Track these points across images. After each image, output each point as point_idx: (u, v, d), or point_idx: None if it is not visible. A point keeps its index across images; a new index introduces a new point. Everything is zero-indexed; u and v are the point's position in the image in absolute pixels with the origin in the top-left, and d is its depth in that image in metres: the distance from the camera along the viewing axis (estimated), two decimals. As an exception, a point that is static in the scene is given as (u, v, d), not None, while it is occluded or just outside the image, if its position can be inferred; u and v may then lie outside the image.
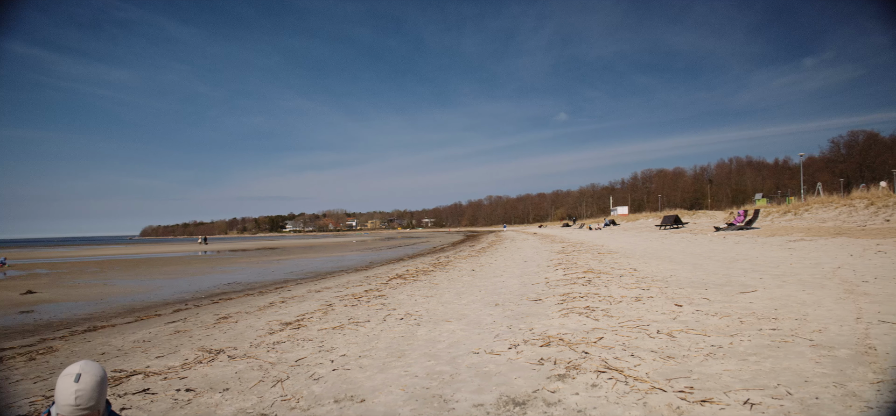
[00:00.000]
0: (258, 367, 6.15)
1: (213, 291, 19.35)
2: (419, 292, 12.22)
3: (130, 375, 6.26)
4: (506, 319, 8.12)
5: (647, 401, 4.17)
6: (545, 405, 4.23)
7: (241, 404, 4.81)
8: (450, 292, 11.71)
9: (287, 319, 9.60)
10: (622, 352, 5.63)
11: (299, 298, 13.17)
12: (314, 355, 6.56)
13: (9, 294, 19.54)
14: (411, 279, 15.33)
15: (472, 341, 6.72)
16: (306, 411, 4.51)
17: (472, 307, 9.46)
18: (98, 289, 21.14)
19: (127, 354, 7.85)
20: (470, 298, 10.71)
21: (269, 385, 5.34)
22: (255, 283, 22.06)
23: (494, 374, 5.18)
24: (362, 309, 10.07)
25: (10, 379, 6.90)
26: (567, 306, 8.75)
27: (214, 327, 9.51)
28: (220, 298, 16.57)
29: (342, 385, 5.16)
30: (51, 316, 14.22)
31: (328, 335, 7.72)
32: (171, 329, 9.91)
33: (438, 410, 4.30)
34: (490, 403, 4.38)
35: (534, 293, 10.64)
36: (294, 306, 11.53)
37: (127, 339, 9.33)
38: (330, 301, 11.60)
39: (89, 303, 16.73)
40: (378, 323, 8.45)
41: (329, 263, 33.76)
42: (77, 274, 29.63)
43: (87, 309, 15.32)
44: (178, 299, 17.00)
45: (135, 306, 15.64)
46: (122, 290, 20.74)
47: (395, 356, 6.24)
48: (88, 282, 24.41)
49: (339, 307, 10.51)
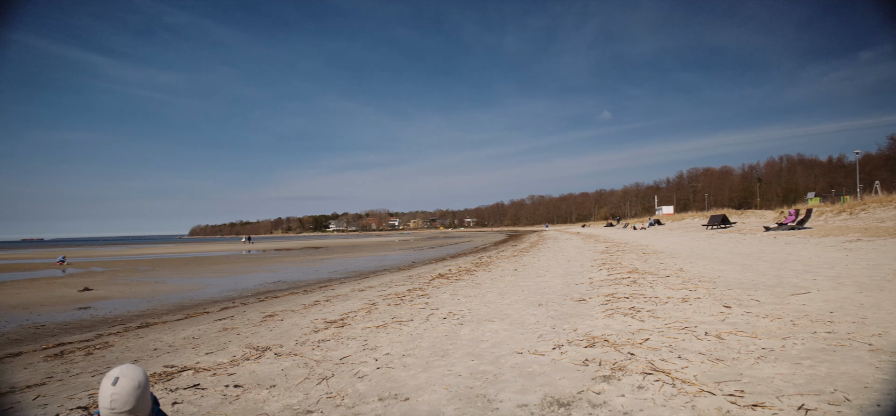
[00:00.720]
0: (303, 364, 6.25)
1: (259, 289, 19.75)
2: (462, 291, 12.23)
3: (181, 370, 6.44)
4: (549, 319, 8.06)
5: (695, 404, 4.08)
6: (590, 407, 4.18)
7: (287, 400, 4.90)
8: (492, 292, 11.68)
9: (331, 317, 9.73)
10: (669, 354, 5.52)
11: (343, 296, 13.33)
12: (358, 353, 6.63)
13: (68, 291, 20.34)
14: (454, 279, 15.36)
15: (516, 341, 6.69)
16: (351, 408, 4.56)
17: (515, 307, 9.42)
18: (150, 287, 21.81)
19: (178, 350, 8.08)
20: (513, 297, 10.67)
21: (315, 383, 5.42)
22: (299, 281, 22.43)
23: (538, 374, 5.15)
24: (405, 308, 10.13)
25: (70, 372, 7.19)
26: (612, 306, 8.63)
27: (261, 325, 9.70)
28: (265, 296, 16.91)
29: (386, 384, 5.20)
30: (106, 312, 14.74)
31: (372, 334, 7.79)
32: (220, 327, 10.15)
33: (482, 409, 4.29)
34: (534, 403, 4.35)
35: (577, 293, 10.53)
36: (338, 304, 11.68)
37: (177, 335, 9.60)
38: (373, 300, 11.71)
39: (142, 300, 17.27)
40: (421, 322, 8.49)
41: (372, 262, 34.06)
42: (130, 272, 30.64)
43: (139, 306, 15.82)
44: (226, 297, 17.41)
45: (184, 304, 16.08)
46: (172, 288, 21.35)
47: (438, 355, 6.26)
48: (141, 280, 25.20)
49: (383, 306, 10.60)
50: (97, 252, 68.66)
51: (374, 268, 28.70)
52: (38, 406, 5.43)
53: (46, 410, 5.20)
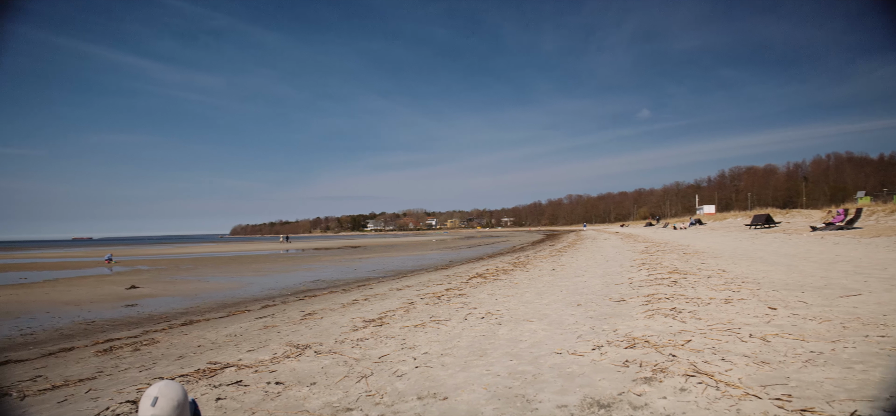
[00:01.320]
0: (343, 363, 6.31)
1: (299, 288, 20.03)
2: (500, 291, 12.19)
3: (224, 367, 6.57)
4: (588, 319, 7.98)
5: (740, 408, 3.98)
6: (631, 409, 4.12)
7: (327, 398, 4.95)
8: (530, 292, 11.62)
9: (370, 316, 9.81)
10: (712, 356, 5.40)
11: (381, 296, 13.42)
12: (397, 352, 6.67)
13: (115, 289, 20.96)
14: (491, 278, 15.33)
15: (555, 342, 6.64)
16: (390, 407, 4.59)
17: (553, 307, 9.35)
18: (193, 285, 22.32)
19: (220, 347, 8.26)
20: (551, 297, 10.59)
21: (354, 381, 5.47)
22: (338, 280, 22.69)
23: (578, 375, 5.10)
24: (443, 307, 10.15)
25: (119, 367, 7.40)
26: (652, 307, 8.50)
27: (301, 323, 9.84)
28: (305, 295, 17.14)
29: (425, 383, 5.22)
30: (152, 310, 15.14)
31: (410, 333, 7.83)
32: (260, 325, 10.33)
33: (521, 410, 4.27)
34: (574, 404, 4.31)
35: (617, 294, 10.40)
36: (376, 303, 11.77)
37: (220, 333, 9.81)
38: (411, 299, 11.76)
39: (185, 298, 17.70)
40: (459, 322, 8.49)
41: (409, 261, 34.24)
42: (174, 270, 31.41)
43: (183, 304, 16.21)
44: (266, 296, 17.71)
45: (226, 302, 16.41)
46: (214, 286, 21.82)
47: (476, 354, 6.26)
48: (184, 278, 25.81)
49: (421, 305, 10.64)
50: (142, 251, 70.59)
51: (411, 267, 28.84)
52: (90, 399, 5.61)
53: (97, 403, 5.37)
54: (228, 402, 5.02)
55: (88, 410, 5.14)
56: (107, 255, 44.75)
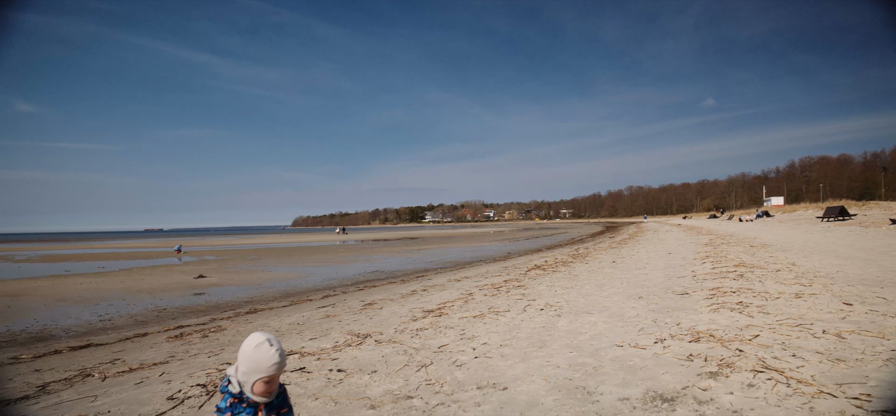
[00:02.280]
0: (403, 352, 6.39)
1: (359, 278, 20.37)
2: (559, 283, 12.08)
3: (288, 354, 6.75)
4: (650, 312, 7.82)
5: (813, 406, 3.82)
6: (696, 404, 4.01)
7: (388, 385, 5.03)
8: (590, 284, 11.46)
9: (429, 306, 9.89)
10: (782, 352, 5.21)
11: (440, 286, 13.50)
12: (456, 342, 6.71)
13: (185, 278, 21.81)
14: (550, 270, 15.20)
15: (615, 334, 6.54)
16: (450, 395, 4.62)
17: (613, 300, 9.20)
18: (257, 275, 23.00)
19: (284, 335, 8.48)
20: (611, 290, 10.42)
21: (414, 370, 5.53)
22: (397, 271, 22.94)
23: (640, 368, 5.01)
24: (502, 299, 10.14)
25: (189, 352, 7.71)
26: (717, 300, 8.25)
27: (361, 313, 10.00)
28: (364, 285, 17.41)
29: (484, 372, 5.23)
30: (218, 298, 15.69)
31: (469, 324, 7.85)
32: (322, 314, 10.55)
33: (582, 401, 4.23)
34: (636, 397, 4.23)
35: (679, 287, 10.14)
36: (435, 294, 11.85)
37: (283, 321, 10.08)
38: (470, 290, 11.79)
39: (250, 287, 18.25)
40: (518, 313, 8.46)
41: (467, 253, 34.30)
42: (239, 261, 32.43)
43: (248, 293, 16.73)
44: (327, 286, 18.08)
45: (289, 292, 16.84)
46: (277, 276, 22.42)
47: (536, 346, 6.23)
48: (248, 268, 26.62)
49: (479, 297, 10.65)
50: (209, 242, 73.16)
51: (469, 259, 28.90)
52: (163, 382, 5.86)
53: (170, 386, 5.61)
54: (293, 388, 5.15)
55: (162, 392, 5.37)
56: (176, 245, 46.64)
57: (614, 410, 4.01)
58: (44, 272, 26.49)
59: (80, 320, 12.44)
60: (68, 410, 5.05)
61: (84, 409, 4.99)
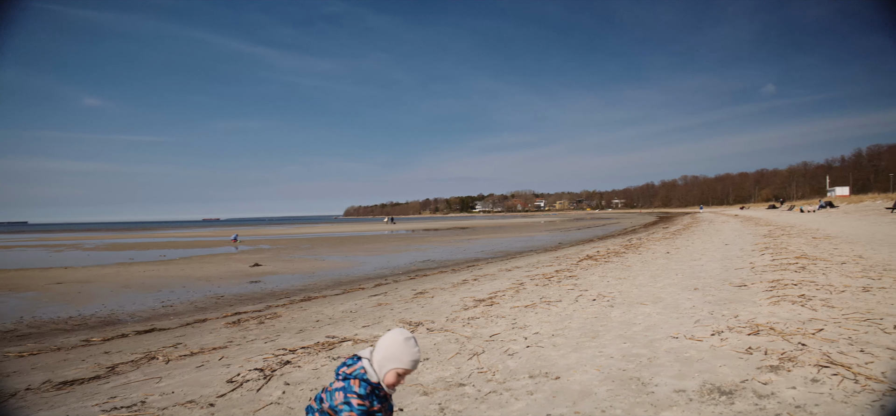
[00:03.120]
0: (454, 340, 6.43)
1: (410, 268, 20.56)
2: (611, 273, 11.92)
3: (342, 341, 6.89)
4: (706, 304, 7.64)
5: (885, 404, 3.67)
6: (756, 397, 3.91)
7: (440, 373, 5.07)
8: (644, 275, 11.27)
9: (480, 296, 9.91)
10: (848, 347, 5.01)
11: (491, 276, 13.50)
12: (507, 331, 6.71)
13: (241, 266, 22.44)
14: (602, 261, 15.01)
15: (670, 326, 6.42)
16: (502, 384, 4.63)
17: (668, 291, 9.02)
18: (310, 264, 23.48)
19: (337, 322, 8.65)
20: (665, 281, 10.22)
21: (466, 358, 5.56)
22: (447, 261, 23.06)
23: (696, 360, 4.90)
24: (553, 289, 10.07)
25: (246, 338, 7.94)
26: (777, 293, 7.99)
27: (412, 302, 10.10)
28: (415, 274, 17.57)
29: (536, 362, 5.22)
30: (273, 286, 16.09)
31: (520, 313, 7.84)
32: (374, 302, 10.70)
33: (636, 392, 4.18)
34: (692, 389, 4.15)
35: (737, 278, 9.87)
36: (486, 283, 11.86)
37: (336, 309, 10.26)
38: (521, 280, 11.75)
39: (303, 276, 18.66)
40: (570, 303, 8.40)
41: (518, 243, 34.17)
42: (293, 250, 33.14)
43: (302, 281, 17.10)
44: (379, 275, 18.32)
45: (341, 280, 17.14)
46: (329, 265, 22.84)
47: (588, 336, 6.17)
48: (302, 257, 27.19)
49: (530, 286, 10.61)
50: (263, 231, 74.95)
51: (520, 248, 28.81)
52: (223, 365, 6.07)
53: (229, 369, 5.80)
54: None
55: (222, 375, 5.56)
56: (233, 235, 47.99)
57: (670, 401, 3.94)
58: (110, 260, 27.70)
59: (144, 306, 12.97)
60: (136, 389, 5.28)
61: (150, 389, 5.21)
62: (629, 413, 3.76)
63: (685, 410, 3.79)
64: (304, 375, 5.31)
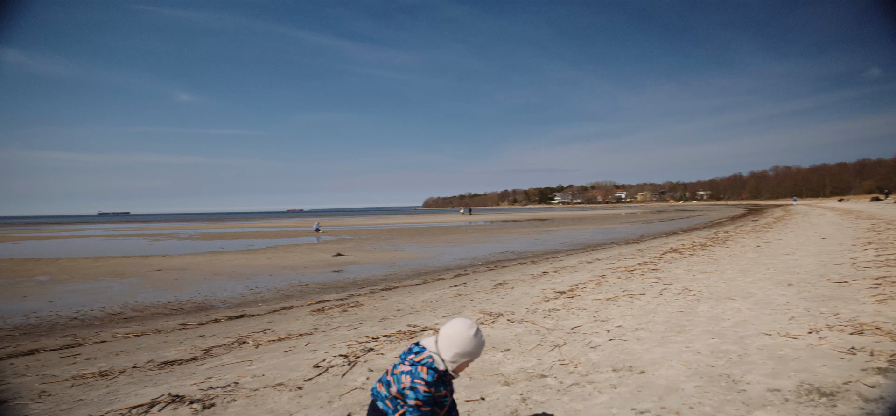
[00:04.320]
0: (535, 331, 6.39)
1: (489, 259, 20.58)
2: (697, 267, 11.50)
3: (422, 330, 6.98)
4: (802, 300, 7.24)
5: None
6: (862, 400, 3.66)
7: (521, 364, 5.06)
8: (732, 269, 10.81)
9: (560, 288, 9.80)
10: (966, 349, 4.63)
11: (571, 268, 13.33)
12: (589, 324, 6.60)
13: (324, 256, 23.13)
14: (687, 254, 14.50)
15: (762, 322, 6.12)
16: (585, 376, 4.56)
17: (759, 286, 8.61)
18: (390, 254, 23.90)
19: (418, 312, 8.77)
20: (756, 275, 9.76)
21: (547, 349, 5.51)
22: (526, 252, 22.93)
23: (791, 359, 4.66)
24: (636, 282, 9.83)
25: (330, 325, 8.19)
26: (884, 291, 7.46)
27: (492, 292, 10.11)
28: (495, 265, 17.57)
29: (619, 355, 5.11)
30: (355, 275, 16.50)
31: (602, 306, 7.70)
32: (454, 292, 10.78)
33: (726, 390, 4.01)
34: (788, 389, 3.94)
35: (836, 274, 9.29)
36: (566, 275, 11.72)
37: (417, 299, 10.41)
38: (602, 272, 11.54)
39: (384, 266, 19.01)
40: (654, 297, 8.17)
41: (598, 234, 33.55)
42: (373, 240, 33.82)
43: (382, 271, 17.43)
44: (458, 265, 18.43)
45: (421, 270, 17.36)
46: (409, 255, 23.17)
47: (674, 330, 5.98)
48: (382, 247, 27.71)
49: (612, 279, 10.40)
50: (345, 222, 76.89)
51: (600, 240, 28.27)
52: (309, 351, 6.29)
53: (315, 355, 6.00)
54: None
55: (309, 360, 5.76)
56: (314, 225, 49.47)
57: (763, 400, 3.76)
58: (203, 249, 29.20)
59: (235, 293, 13.60)
60: (229, 371, 5.55)
61: (242, 371, 5.47)
62: (719, 411, 3.62)
63: (780, 410, 3.60)
64: (386, 362, 5.42)
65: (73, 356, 7.38)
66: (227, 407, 4.30)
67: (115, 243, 37.96)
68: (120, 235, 51.66)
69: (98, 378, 5.87)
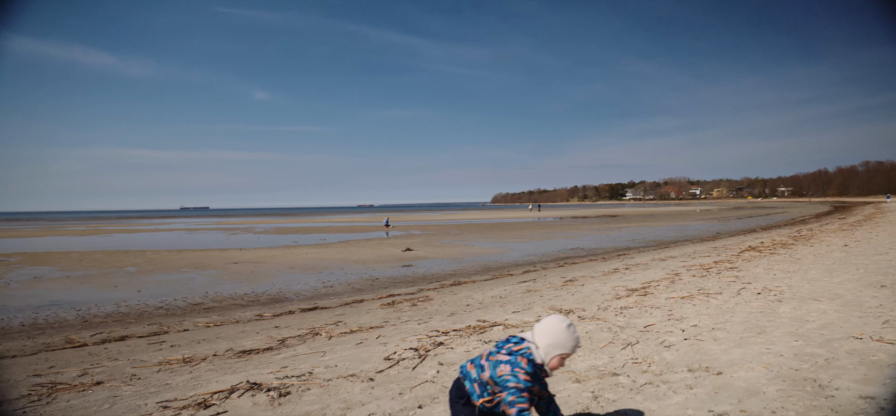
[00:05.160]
0: (607, 329, 6.27)
1: (558, 255, 20.37)
2: (778, 266, 10.98)
3: (492, 325, 6.97)
4: (897, 303, 6.79)
5: None
6: (963, 410, 3.41)
7: (592, 361, 4.97)
8: (817, 269, 10.26)
9: (632, 285, 9.58)
10: None
11: (643, 265, 13.01)
12: (663, 322, 6.42)
13: (393, 251, 23.46)
14: (767, 252, 13.87)
15: (852, 325, 5.78)
16: (659, 376, 4.44)
17: (847, 287, 8.14)
18: (459, 249, 23.99)
19: (487, 307, 8.76)
20: (844, 276, 9.23)
21: (619, 347, 5.40)
22: (597, 249, 22.56)
23: (887, 364, 4.37)
24: (712, 280, 9.49)
25: (400, 319, 8.30)
26: None
27: (562, 289, 9.99)
28: (564, 262, 17.37)
29: (695, 355, 4.95)
30: (425, 270, 16.66)
31: (676, 304, 7.47)
32: (523, 288, 10.71)
33: (812, 395, 3.80)
34: (883, 397, 3.70)
35: (936, 276, 8.68)
36: (638, 273, 11.44)
37: (486, 294, 10.40)
38: (676, 270, 11.20)
39: (453, 261, 19.11)
40: (731, 296, 7.86)
41: (671, 231, 32.63)
42: (442, 235, 34.05)
43: (451, 266, 17.53)
44: (527, 261, 18.33)
45: (490, 266, 17.35)
46: (478, 251, 23.19)
47: (753, 331, 5.73)
48: (451, 242, 27.86)
49: (687, 277, 10.08)
50: (414, 217, 77.75)
51: (673, 238, 27.50)
52: (380, 344, 6.39)
53: (386, 347, 6.10)
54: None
55: (380, 352, 5.85)
56: (384, 220, 50.21)
57: (854, 408, 3.54)
58: (277, 243, 30.17)
59: (308, 286, 14.00)
60: (303, 361, 5.71)
61: (316, 362, 5.61)
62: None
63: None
64: (456, 356, 5.44)
65: (159, 343, 7.79)
66: (301, 396, 4.42)
67: (195, 236, 39.80)
68: (200, 228, 54.10)
69: (182, 364, 6.17)
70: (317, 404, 4.22)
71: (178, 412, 4.20)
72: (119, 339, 8.29)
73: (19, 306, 11.77)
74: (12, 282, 15.50)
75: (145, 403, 4.54)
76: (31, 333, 9.23)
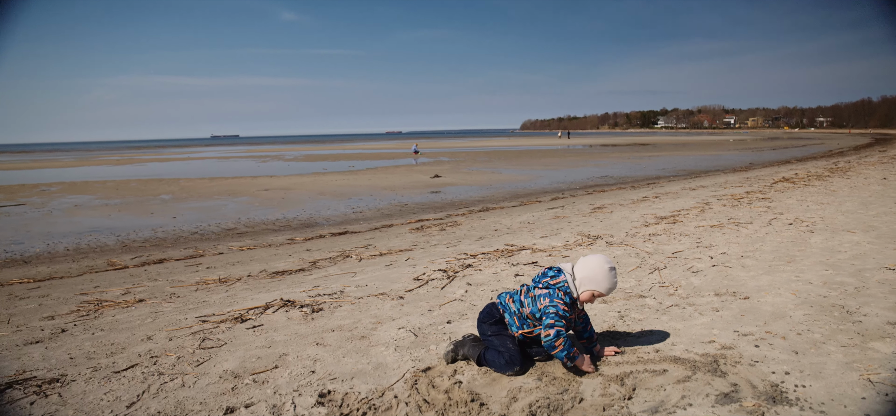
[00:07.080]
0: (635, 254, 6.31)
1: (587, 183, 20.30)
2: (811, 197, 10.81)
3: (520, 249, 7.07)
4: (933, 235, 6.69)
5: None
6: None
7: (619, 284, 5.03)
8: (852, 201, 10.08)
9: (661, 213, 9.56)
10: None
11: (673, 194, 12.92)
12: (691, 249, 6.44)
13: (422, 177, 23.58)
14: (801, 184, 13.63)
15: (885, 256, 5.72)
16: (685, 298, 4.49)
17: (884, 219, 8.01)
18: (487, 176, 24.02)
19: (515, 232, 8.85)
20: (880, 208, 9.06)
21: (647, 272, 5.45)
22: (626, 177, 22.39)
23: (917, 293, 4.36)
24: (743, 210, 9.41)
25: (429, 243, 8.44)
26: None
27: (590, 216, 10.01)
28: (593, 189, 17.32)
29: (722, 281, 4.98)
30: (453, 197, 16.77)
31: (705, 233, 7.46)
32: (551, 215, 10.76)
33: (839, 320, 3.82)
34: (910, 323, 3.71)
35: (977, 209, 8.48)
36: (668, 201, 11.38)
37: (514, 220, 10.48)
38: (706, 200, 11.11)
39: (481, 187, 19.18)
40: (762, 226, 7.81)
41: (703, 161, 32.12)
42: (470, 162, 34.03)
43: (479, 193, 17.60)
44: (555, 189, 18.32)
45: (518, 192, 17.38)
46: (506, 178, 23.20)
47: (783, 260, 5.72)
48: (480, 169, 27.86)
49: (717, 206, 10.01)
50: (442, 144, 77.54)
51: (705, 167, 27.09)
52: (409, 265, 6.54)
53: (415, 268, 6.24)
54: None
55: (409, 273, 6.00)
56: (412, 147, 50.19)
57: (881, 332, 3.55)
58: (307, 170, 30.49)
59: (337, 212, 14.22)
60: (335, 281, 5.89)
61: (347, 282, 5.78)
62: (830, 339, 3.46)
63: (899, 342, 3.41)
64: (484, 277, 5.56)
65: (195, 265, 8.06)
66: (333, 312, 4.59)
67: (226, 164, 40.38)
68: (231, 156, 54.80)
69: (218, 284, 6.40)
70: (348, 318, 4.38)
71: (217, 324, 4.39)
72: (157, 262, 8.59)
73: (63, 232, 12.21)
74: (55, 210, 16.02)
75: (185, 317, 4.76)
76: (75, 257, 9.61)
